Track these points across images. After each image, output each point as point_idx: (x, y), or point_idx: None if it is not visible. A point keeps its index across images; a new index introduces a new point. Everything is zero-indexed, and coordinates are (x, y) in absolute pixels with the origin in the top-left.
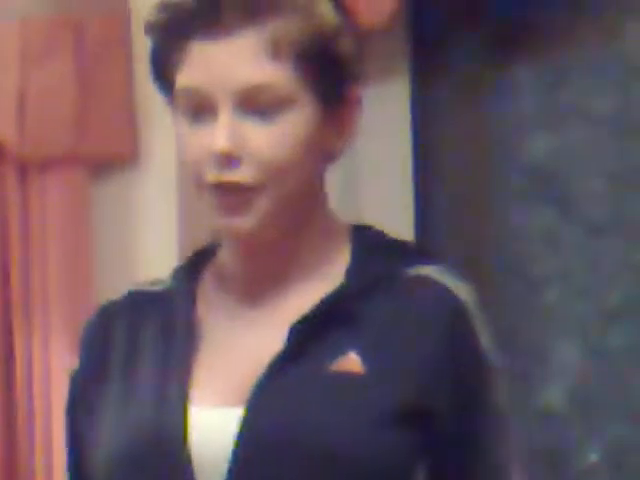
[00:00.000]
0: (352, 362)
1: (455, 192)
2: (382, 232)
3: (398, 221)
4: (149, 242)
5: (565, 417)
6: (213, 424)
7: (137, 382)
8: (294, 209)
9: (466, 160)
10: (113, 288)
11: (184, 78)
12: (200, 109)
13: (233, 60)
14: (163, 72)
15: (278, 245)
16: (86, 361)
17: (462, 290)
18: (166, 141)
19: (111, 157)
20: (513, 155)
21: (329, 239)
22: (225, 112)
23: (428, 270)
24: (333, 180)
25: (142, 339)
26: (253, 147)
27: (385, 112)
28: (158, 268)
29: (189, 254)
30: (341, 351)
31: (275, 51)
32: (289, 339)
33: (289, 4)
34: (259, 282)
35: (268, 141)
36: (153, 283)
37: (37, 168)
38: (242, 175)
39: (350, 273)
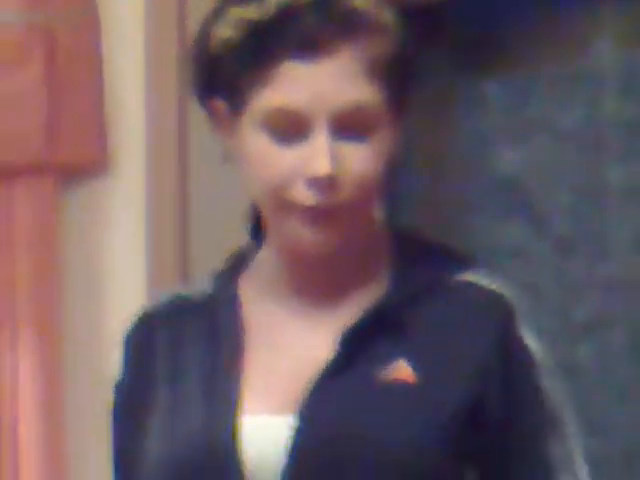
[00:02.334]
0: (403, 370)
1: (423, 208)
2: (422, 237)
3: None
4: (117, 251)
5: None
6: (264, 432)
7: (184, 391)
8: (366, 222)
9: (434, 175)
10: (81, 298)
11: (278, 98)
12: (289, 128)
13: (333, 80)
14: (228, 88)
15: (337, 256)
16: (129, 370)
17: (509, 294)
18: (135, 150)
19: (81, 166)
20: (481, 170)
21: (373, 246)
22: (323, 134)
23: (473, 276)
24: None
25: (187, 347)
26: (350, 169)
27: None
28: (126, 278)
29: (223, 258)
30: (391, 359)
31: (371, 70)
32: (338, 348)
33: (380, 23)
34: (309, 290)
35: (363, 162)
36: (194, 288)
37: (5, 176)
38: (339, 198)
39: (394, 282)
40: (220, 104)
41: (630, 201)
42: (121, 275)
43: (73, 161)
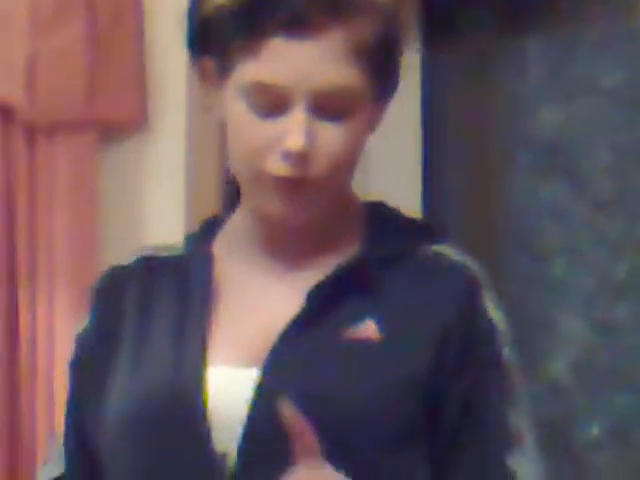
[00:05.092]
0: (368, 329)
1: (463, 165)
2: (395, 209)
3: (405, 192)
4: (156, 207)
5: (569, 389)
6: (229, 384)
7: (151, 344)
8: (336, 196)
9: (474, 132)
10: (118, 253)
11: (261, 72)
12: (269, 102)
13: (318, 61)
14: (216, 52)
15: (307, 225)
16: (95, 321)
17: (475, 266)
18: (175, 107)
19: (120, 122)
20: (521, 127)
21: (347, 213)
22: (302, 111)
23: (442, 248)
24: None
25: (156, 303)
26: (324, 147)
27: None
28: (165, 233)
29: (199, 222)
30: (357, 318)
31: (357, 52)
32: (306, 303)
33: (371, 4)
34: (281, 252)
35: (337, 142)
36: (165, 248)
37: (46, 132)
38: (310, 172)
39: (366, 244)
40: (209, 63)
41: None
42: (160, 231)
43: (113, 117)
